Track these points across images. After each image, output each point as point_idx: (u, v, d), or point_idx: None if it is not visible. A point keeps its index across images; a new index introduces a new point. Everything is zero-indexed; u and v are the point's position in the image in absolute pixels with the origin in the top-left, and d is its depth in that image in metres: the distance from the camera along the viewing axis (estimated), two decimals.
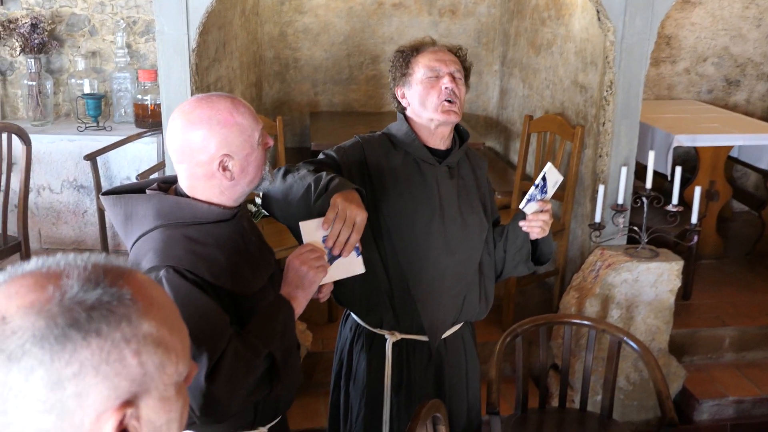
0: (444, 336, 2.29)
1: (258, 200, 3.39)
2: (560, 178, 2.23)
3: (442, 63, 2.14)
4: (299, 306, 1.76)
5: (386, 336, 2.26)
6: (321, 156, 2.19)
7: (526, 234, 2.23)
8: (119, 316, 0.79)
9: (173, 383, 0.85)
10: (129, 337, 0.79)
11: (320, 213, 1.85)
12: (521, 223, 2.21)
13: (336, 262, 1.86)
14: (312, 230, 1.83)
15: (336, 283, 1.95)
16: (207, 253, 1.65)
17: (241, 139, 1.67)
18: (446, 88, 2.12)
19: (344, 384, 2.35)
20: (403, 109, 2.24)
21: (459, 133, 2.28)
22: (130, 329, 0.79)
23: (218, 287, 1.64)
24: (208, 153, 1.66)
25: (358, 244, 1.87)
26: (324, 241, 1.83)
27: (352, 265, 1.89)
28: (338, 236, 1.81)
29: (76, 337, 0.76)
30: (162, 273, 1.59)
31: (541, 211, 2.18)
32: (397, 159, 2.20)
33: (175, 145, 1.69)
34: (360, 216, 1.84)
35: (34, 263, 0.83)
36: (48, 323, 0.76)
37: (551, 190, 2.21)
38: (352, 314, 2.34)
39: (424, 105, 2.14)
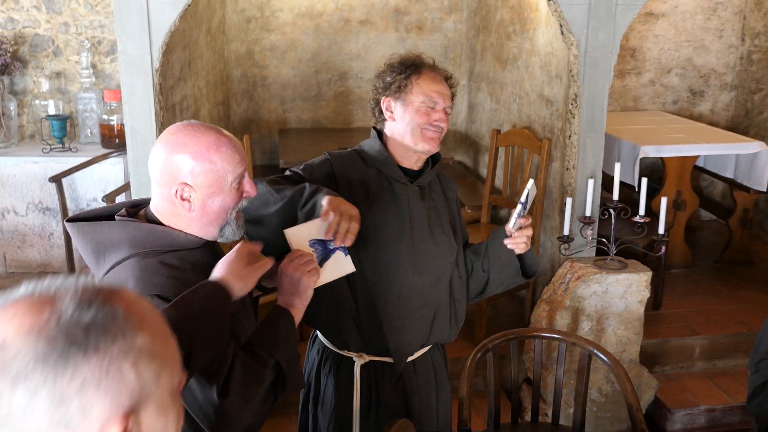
0: (412, 358, 2.27)
1: None
2: (535, 191, 2.26)
3: (440, 96, 2.14)
4: (298, 313, 1.78)
5: (354, 358, 2.23)
6: (287, 173, 2.17)
7: (511, 251, 2.23)
8: (115, 332, 0.83)
9: (169, 391, 0.89)
10: (126, 351, 0.84)
11: (306, 220, 1.89)
12: (506, 242, 2.19)
13: (326, 265, 1.88)
14: (298, 236, 1.85)
15: (312, 308, 1.98)
16: (187, 279, 1.63)
17: (210, 176, 1.65)
18: (438, 123, 2.14)
19: (312, 408, 2.31)
20: (382, 120, 2.22)
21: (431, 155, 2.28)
22: (125, 343, 0.84)
23: None
24: (171, 177, 1.65)
25: (344, 245, 1.89)
26: (312, 245, 1.85)
27: (342, 266, 1.91)
28: (337, 229, 1.84)
29: (77, 355, 0.81)
30: None
31: (522, 227, 2.19)
32: (368, 175, 2.19)
33: (150, 164, 1.69)
34: (354, 209, 1.88)
35: (24, 289, 0.87)
36: (48, 344, 0.80)
37: (529, 204, 2.23)
38: (319, 336, 2.32)
39: (412, 130, 2.14)
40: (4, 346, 0.81)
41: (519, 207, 2.16)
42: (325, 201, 1.87)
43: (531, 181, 2.19)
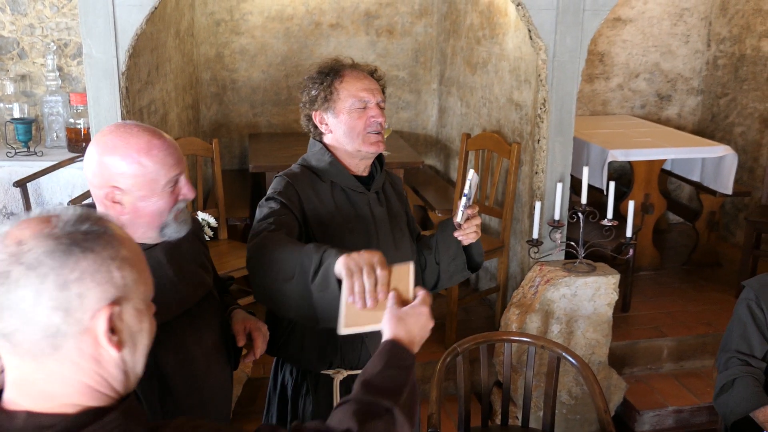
0: None
1: (200, 218, 3.31)
2: (477, 178, 2.20)
3: (369, 93, 2.09)
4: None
5: (332, 375, 2.20)
6: (269, 216, 1.99)
7: (458, 242, 2.18)
8: (106, 241, 1.06)
9: (143, 300, 1.11)
10: (113, 256, 1.06)
11: (321, 293, 1.69)
12: (457, 234, 2.13)
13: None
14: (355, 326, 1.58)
15: (284, 341, 2.07)
16: None
17: (140, 179, 1.61)
18: (375, 120, 2.08)
19: None
20: (319, 135, 2.17)
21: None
22: (114, 251, 1.06)
23: None
24: (103, 180, 1.62)
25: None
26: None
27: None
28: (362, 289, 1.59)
29: (77, 251, 1.03)
30: None
31: (469, 218, 2.13)
32: (325, 192, 2.13)
33: (85, 165, 1.66)
34: (370, 255, 1.63)
35: (31, 213, 1.10)
36: (56, 242, 1.02)
37: (473, 193, 2.19)
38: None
39: (352, 136, 2.09)
40: (21, 243, 1.03)
41: (464, 199, 2.10)
42: (338, 265, 1.64)
43: (471, 171, 2.13)
